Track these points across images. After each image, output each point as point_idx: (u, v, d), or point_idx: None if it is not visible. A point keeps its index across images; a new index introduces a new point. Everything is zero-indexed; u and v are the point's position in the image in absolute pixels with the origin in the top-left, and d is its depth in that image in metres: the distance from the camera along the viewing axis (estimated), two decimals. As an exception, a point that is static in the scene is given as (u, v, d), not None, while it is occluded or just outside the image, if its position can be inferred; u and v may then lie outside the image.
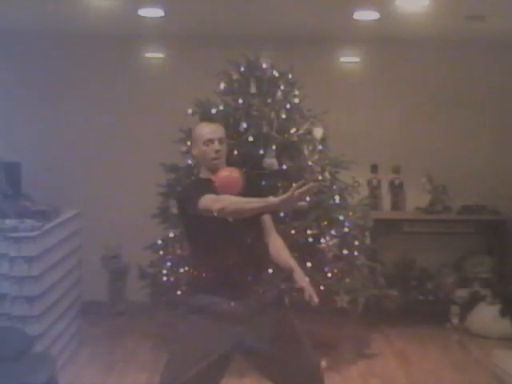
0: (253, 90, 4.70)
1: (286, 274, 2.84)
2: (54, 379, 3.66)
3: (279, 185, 4.52)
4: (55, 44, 5.70)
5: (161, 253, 4.78)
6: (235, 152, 4.55)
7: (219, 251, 2.79)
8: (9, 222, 4.07)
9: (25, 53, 5.71)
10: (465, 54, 5.81)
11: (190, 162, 4.74)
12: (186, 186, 3.57)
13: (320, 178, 4.69)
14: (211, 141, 2.85)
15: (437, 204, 5.74)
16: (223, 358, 2.77)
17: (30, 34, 5.58)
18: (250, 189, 2.80)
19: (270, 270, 2.97)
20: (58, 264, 4.41)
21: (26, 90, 5.74)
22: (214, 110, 4.74)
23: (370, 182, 5.84)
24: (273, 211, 2.93)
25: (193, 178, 4.26)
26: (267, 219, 2.94)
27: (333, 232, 4.56)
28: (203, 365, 2.70)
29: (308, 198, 2.75)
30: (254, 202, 2.60)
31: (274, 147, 4.54)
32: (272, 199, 2.55)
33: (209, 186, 2.77)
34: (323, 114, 4.80)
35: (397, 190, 5.88)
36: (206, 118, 3.11)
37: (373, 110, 5.79)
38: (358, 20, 4.96)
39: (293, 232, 4.46)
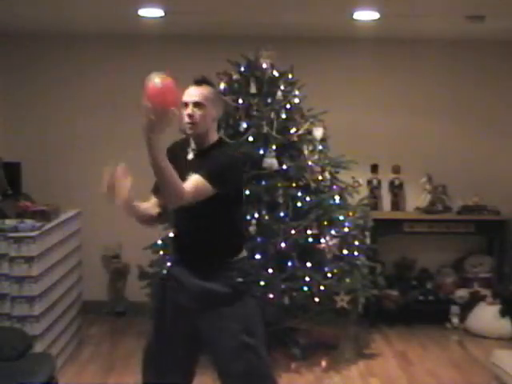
0: (253, 90, 4.70)
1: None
2: (54, 379, 3.67)
3: (279, 185, 4.52)
4: (55, 44, 5.69)
5: (161, 253, 4.78)
6: (235, 152, 4.56)
7: (176, 232, 2.93)
8: (9, 222, 4.07)
9: (25, 53, 5.71)
10: (465, 54, 5.80)
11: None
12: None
13: (320, 177, 4.70)
14: (186, 104, 2.76)
15: (437, 204, 5.74)
16: (181, 329, 2.78)
17: (30, 34, 5.58)
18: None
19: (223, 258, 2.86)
20: (58, 264, 4.41)
21: (26, 90, 5.74)
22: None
23: (370, 182, 5.83)
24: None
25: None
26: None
27: (333, 232, 4.56)
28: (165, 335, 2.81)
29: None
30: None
31: (273, 147, 4.55)
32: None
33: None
34: (323, 113, 4.80)
35: (397, 190, 5.87)
36: (197, 79, 2.97)
37: (373, 110, 5.78)
38: (357, 20, 4.96)
39: (293, 232, 4.47)
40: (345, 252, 4.64)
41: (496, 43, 5.70)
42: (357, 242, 4.76)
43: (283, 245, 4.44)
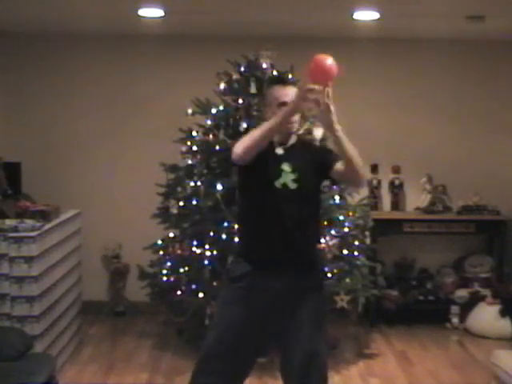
0: (253, 90, 4.70)
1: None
2: (54, 379, 3.67)
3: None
4: (55, 44, 5.69)
5: (161, 253, 4.79)
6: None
7: (265, 221, 2.73)
8: (9, 222, 4.07)
9: (25, 53, 5.71)
10: (465, 54, 5.80)
11: (189, 161, 4.75)
12: None
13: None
14: (285, 104, 2.78)
15: (437, 204, 5.74)
16: (257, 332, 2.76)
17: (30, 34, 5.59)
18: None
19: (317, 251, 2.93)
20: (58, 264, 4.41)
21: (26, 90, 5.74)
22: (214, 110, 4.75)
23: (370, 182, 5.83)
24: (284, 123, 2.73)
25: None
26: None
27: (333, 232, 4.56)
28: (235, 337, 2.73)
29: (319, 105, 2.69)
30: (262, 125, 2.63)
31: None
32: (280, 112, 2.63)
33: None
34: (323, 113, 4.79)
35: (397, 190, 5.88)
36: (279, 80, 3.20)
37: (373, 110, 5.78)
38: (357, 20, 4.96)
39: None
40: (345, 252, 4.64)
41: (496, 43, 5.70)
42: (357, 242, 4.75)
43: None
